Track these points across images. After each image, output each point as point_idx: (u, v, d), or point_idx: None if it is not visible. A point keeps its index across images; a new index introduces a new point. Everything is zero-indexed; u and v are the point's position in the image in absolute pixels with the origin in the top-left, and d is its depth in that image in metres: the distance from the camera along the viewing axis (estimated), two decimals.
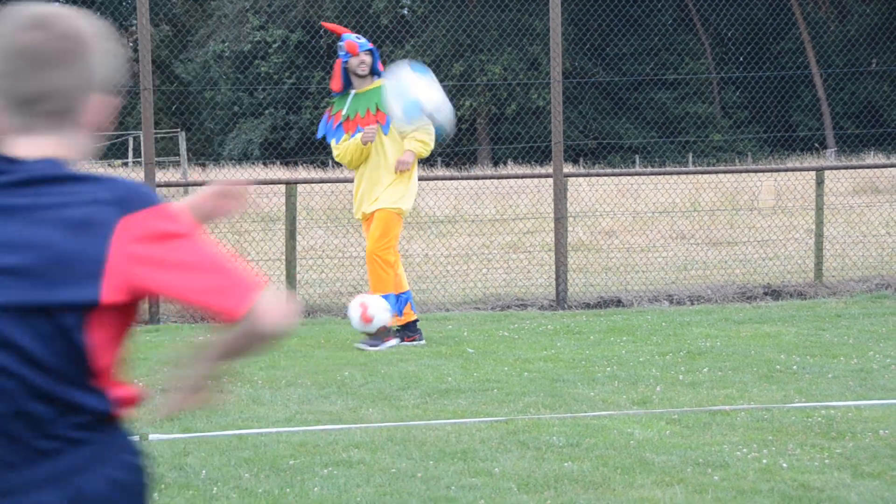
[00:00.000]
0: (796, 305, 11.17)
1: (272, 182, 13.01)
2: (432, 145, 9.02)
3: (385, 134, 8.97)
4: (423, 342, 9.09)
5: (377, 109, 8.94)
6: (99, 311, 2.15)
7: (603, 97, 48.06)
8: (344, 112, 9.00)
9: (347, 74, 9.03)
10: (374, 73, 9.04)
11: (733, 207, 17.87)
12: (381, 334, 8.88)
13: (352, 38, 8.98)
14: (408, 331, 9.11)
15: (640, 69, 47.87)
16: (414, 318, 9.14)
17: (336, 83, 9.03)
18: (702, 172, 13.91)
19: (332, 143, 9.10)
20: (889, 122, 45.57)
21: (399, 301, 9.04)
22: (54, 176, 2.16)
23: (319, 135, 9.21)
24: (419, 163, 9.20)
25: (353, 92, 9.02)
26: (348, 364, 8.19)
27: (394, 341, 9.01)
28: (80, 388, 2.19)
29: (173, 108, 44.66)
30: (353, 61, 8.96)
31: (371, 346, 8.83)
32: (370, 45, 9.00)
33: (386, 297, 8.90)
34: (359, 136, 8.93)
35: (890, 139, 39.56)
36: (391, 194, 8.99)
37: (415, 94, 8.35)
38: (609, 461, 5.48)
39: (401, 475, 5.31)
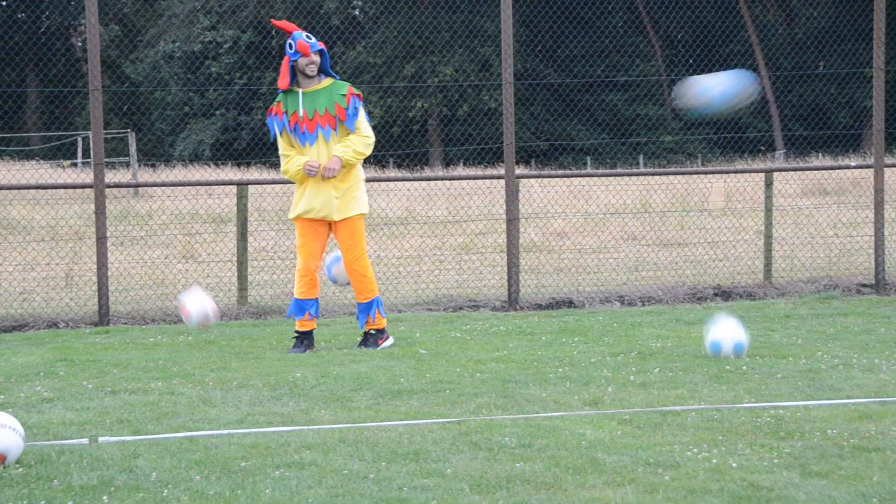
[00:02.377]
0: (746, 306, 11.26)
1: (223, 183, 12.95)
2: (365, 153, 8.98)
3: (327, 141, 8.93)
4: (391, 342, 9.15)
5: (324, 109, 8.91)
6: None
7: (554, 99, 48.24)
8: (300, 112, 8.93)
9: (294, 72, 8.98)
10: (322, 72, 9.02)
11: (684, 209, 17.99)
12: (371, 340, 8.98)
13: (303, 38, 8.92)
14: (380, 333, 9.12)
15: (591, 71, 48.08)
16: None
17: (283, 81, 8.96)
18: (652, 174, 13.98)
19: (282, 141, 9.02)
20: (836, 124, 46.06)
21: (375, 305, 9.06)
22: None
23: (273, 136, 9.16)
24: (365, 163, 9.24)
25: (300, 91, 8.96)
26: (300, 365, 8.17)
27: (390, 340, 9.13)
28: None
29: (123, 108, 44.37)
30: (303, 61, 8.91)
31: (295, 352, 8.85)
32: (320, 46, 8.96)
33: (369, 303, 8.99)
34: (303, 161, 8.89)
35: (837, 141, 39.99)
36: (354, 202, 9.00)
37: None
38: (561, 461, 5.50)
39: (353, 476, 5.31)
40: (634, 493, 5.03)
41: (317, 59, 8.92)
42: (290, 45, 8.95)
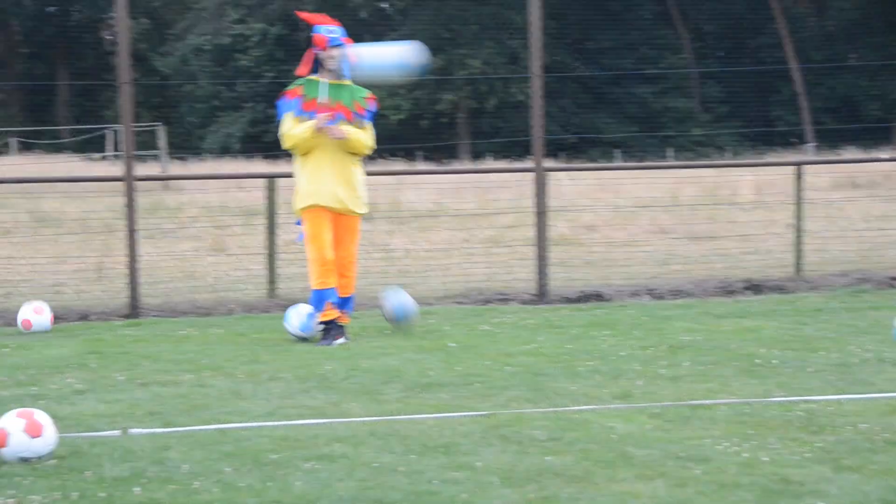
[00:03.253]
0: (777, 300, 11.20)
1: (253, 176, 12.98)
2: (366, 150, 9.04)
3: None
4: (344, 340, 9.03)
5: (352, 102, 8.98)
6: None
7: (583, 91, 48.13)
8: (325, 98, 8.89)
9: (318, 63, 9.02)
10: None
11: (714, 202, 17.92)
12: (332, 333, 8.90)
13: (322, 32, 8.97)
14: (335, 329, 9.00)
15: (620, 63, 47.91)
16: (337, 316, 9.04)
17: (303, 69, 9.00)
18: (682, 167, 13.96)
19: (288, 116, 8.97)
20: (867, 116, 45.74)
21: (347, 302, 9.12)
22: None
23: (280, 118, 9.03)
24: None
25: (324, 81, 8.96)
26: (330, 358, 8.19)
27: (342, 339, 8.97)
28: None
29: (153, 101, 44.52)
30: (322, 54, 8.98)
31: (324, 343, 8.85)
32: (341, 41, 8.94)
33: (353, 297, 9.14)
34: (314, 120, 8.82)
35: (868, 134, 39.72)
36: (362, 199, 9.13)
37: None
38: (591, 455, 5.49)
39: (383, 469, 5.31)
40: (665, 486, 5.01)
41: (335, 53, 8.92)
42: (313, 37, 9.02)
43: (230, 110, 48.55)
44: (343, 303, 9.08)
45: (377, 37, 43.92)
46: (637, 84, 48.20)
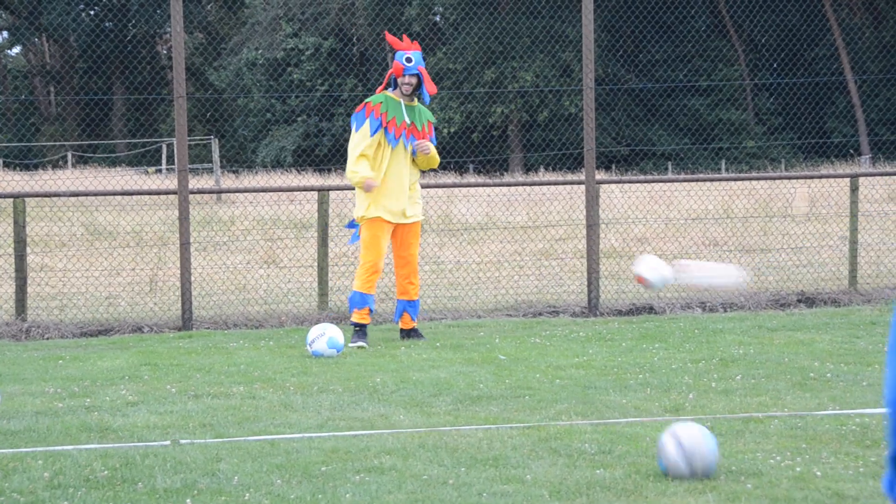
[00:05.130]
0: (830, 313, 11.10)
1: (305, 189, 13.03)
2: (434, 165, 9.68)
3: (411, 151, 9.55)
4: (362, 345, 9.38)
5: (422, 125, 9.61)
6: None
7: (635, 104, 47.96)
8: (405, 119, 9.50)
9: (396, 84, 9.61)
10: (416, 93, 9.64)
11: (767, 214, 17.79)
12: (416, 334, 9.59)
13: (401, 60, 9.52)
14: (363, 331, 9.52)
15: (672, 76, 47.72)
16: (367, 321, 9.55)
17: (383, 87, 9.67)
18: (735, 179, 13.85)
19: (360, 133, 9.45)
20: None
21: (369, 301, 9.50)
22: None
23: (358, 129, 9.49)
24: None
25: (401, 102, 9.54)
26: (379, 370, 8.20)
27: (361, 343, 9.38)
28: None
29: (207, 115, 44.86)
30: (400, 79, 9.55)
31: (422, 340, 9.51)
32: (418, 70, 9.47)
33: (417, 301, 9.66)
34: (367, 175, 9.36)
35: None
36: (420, 206, 9.68)
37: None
38: (641, 469, 5.46)
39: (432, 482, 5.31)
40: (716, 500, 4.98)
41: (412, 80, 9.49)
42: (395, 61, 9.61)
43: (283, 124, 48.80)
44: (414, 305, 9.63)
45: (429, 50, 44.03)
46: (690, 96, 47.96)
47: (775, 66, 50.72)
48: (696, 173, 36.12)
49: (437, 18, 50.64)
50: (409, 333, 9.65)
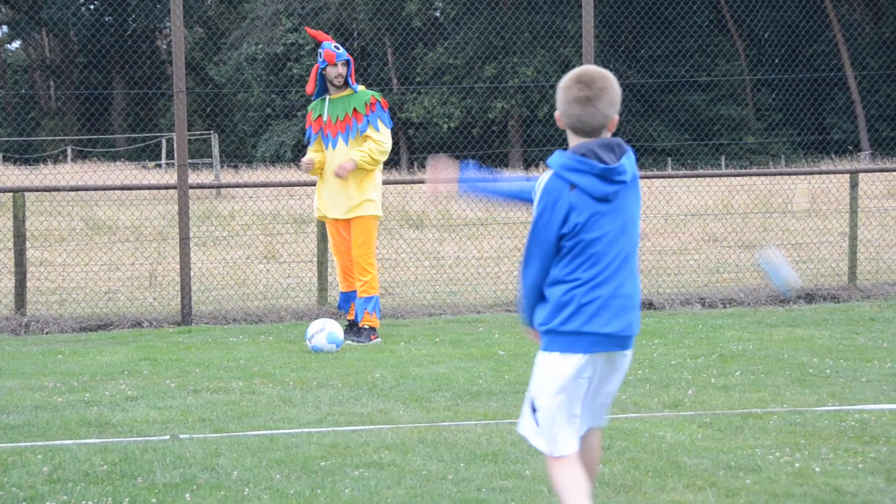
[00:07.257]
0: (829, 309, 11.10)
1: (304, 184, 13.02)
2: (380, 160, 9.49)
3: (346, 145, 9.48)
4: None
5: (344, 115, 9.48)
6: None
7: (635, 99, 47.92)
8: (324, 117, 9.52)
9: (323, 80, 9.56)
10: (346, 84, 9.57)
11: (766, 210, 17.78)
12: (364, 334, 9.42)
13: (331, 48, 9.51)
14: (372, 330, 9.52)
15: (672, 71, 47.70)
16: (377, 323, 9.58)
17: (310, 87, 9.60)
18: (735, 175, 13.83)
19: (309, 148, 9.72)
20: None
21: (373, 302, 9.48)
22: None
23: (307, 141, 9.79)
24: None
25: (327, 98, 9.56)
26: (379, 366, 8.21)
27: (378, 339, 9.45)
28: None
29: (207, 109, 44.84)
30: (331, 70, 9.50)
31: (358, 342, 9.34)
32: (347, 57, 9.50)
33: (368, 298, 9.48)
34: (308, 158, 9.53)
35: None
36: (368, 204, 9.53)
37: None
38: (640, 464, 5.46)
39: (432, 477, 5.31)
40: (715, 496, 4.98)
41: (342, 69, 9.48)
42: (320, 53, 9.56)
43: (282, 119, 48.78)
44: (362, 303, 9.51)
45: (429, 45, 44.01)
46: (690, 92, 47.95)
47: (775, 62, 50.70)
48: (695, 169, 36.13)
49: (438, 13, 50.60)
50: (350, 326, 9.60)
